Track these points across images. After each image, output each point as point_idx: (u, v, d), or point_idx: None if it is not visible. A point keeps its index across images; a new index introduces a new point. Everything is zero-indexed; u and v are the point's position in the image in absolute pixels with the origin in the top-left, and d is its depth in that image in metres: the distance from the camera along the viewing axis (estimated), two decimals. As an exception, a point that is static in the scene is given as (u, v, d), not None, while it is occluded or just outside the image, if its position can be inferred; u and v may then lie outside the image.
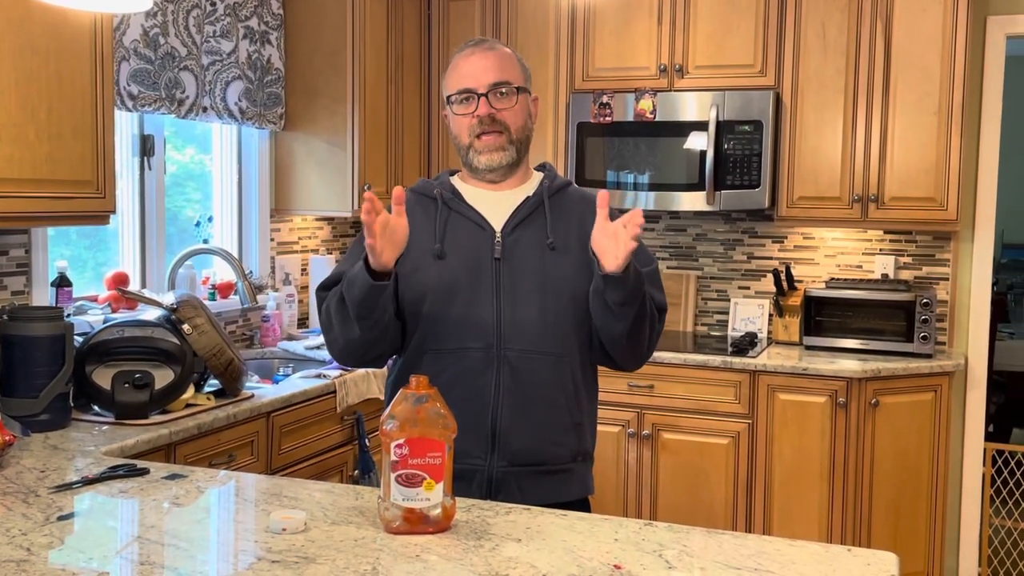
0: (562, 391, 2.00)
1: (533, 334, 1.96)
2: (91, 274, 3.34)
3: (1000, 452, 4.29)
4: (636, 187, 4.11)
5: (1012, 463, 4.30)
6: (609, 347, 2.01)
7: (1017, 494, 4.39)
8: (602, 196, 1.86)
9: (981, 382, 4.13)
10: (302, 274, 4.24)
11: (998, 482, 4.29)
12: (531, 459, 1.98)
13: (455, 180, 2.10)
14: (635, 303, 1.91)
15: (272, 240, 4.08)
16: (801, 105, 3.95)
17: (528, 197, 2.05)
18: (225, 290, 3.77)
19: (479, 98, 2.00)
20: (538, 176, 2.11)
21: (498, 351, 1.95)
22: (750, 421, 3.78)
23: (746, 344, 4.02)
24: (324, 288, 2.05)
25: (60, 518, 1.75)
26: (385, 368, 2.18)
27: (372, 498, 1.82)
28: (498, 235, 2.00)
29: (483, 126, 2.00)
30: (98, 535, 1.70)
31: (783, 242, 4.35)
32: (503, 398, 1.95)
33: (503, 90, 2.01)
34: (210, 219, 3.92)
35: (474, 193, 2.06)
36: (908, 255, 4.20)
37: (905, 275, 4.19)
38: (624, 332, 1.96)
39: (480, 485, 1.95)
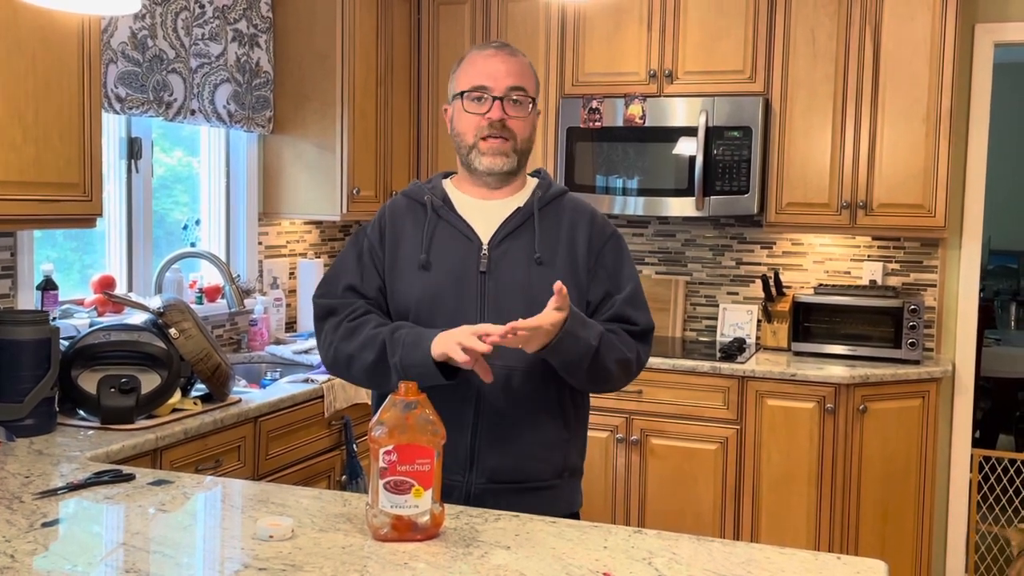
0: (546, 408, 1.97)
1: (517, 350, 1.90)
2: (77, 277, 3.32)
3: (987, 458, 4.30)
4: (625, 192, 4.11)
5: (999, 469, 4.31)
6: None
7: (1004, 500, 4.41)
8: (558, 288, 1.81)
9: (968, 388, 4.14)
10: (290, 278, 4.22)
11: (985, 488, 4.31)
12: (511, 476, 1.95)
13: (448, 185, 2.07)
14: (580, 367, 1.90)
15: (260, 244, 4.06)
16: (790, 111, 3.96)
17: (519, 207, 2.01)
18: (212, 294, 3.75)
19: (494, 101, 1.97)
20: (532, 184, 2.08)
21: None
22: (738, 427, 3.78)
23: (735, 350, 4.02)
24: (325, 296, 2.03)
25: (44, 524, 1.73)
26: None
27: (360, 505, 1.81)
28: (485, 247, 1.97)
29: (492, 130, 1.97)
30: (83, 542, 1.68)
31: (772, 248, 4.36)
32: (483, 415, 1.93)
33: (518, 97, 1.98)
34: (198, 222, 3.90)
35: (465, 201, 2.03)
36: (896, 261, 4.21)
37: (893, 281, 4.20)
38: (581, 386, 1.99)
39: (459, 502, 1.92)
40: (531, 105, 2.01)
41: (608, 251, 2.05)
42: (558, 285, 1.80)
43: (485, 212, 2.01)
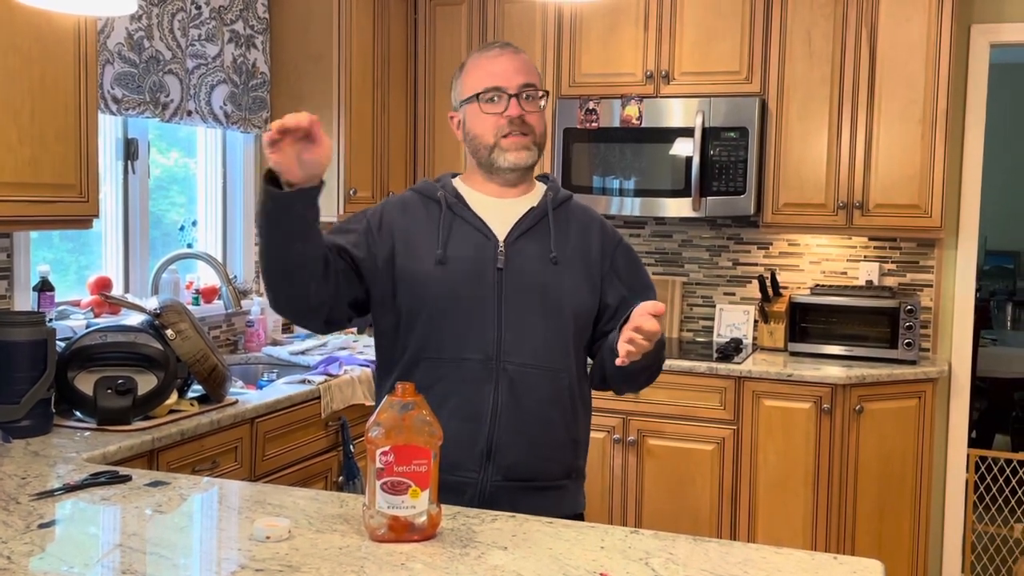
0: (559, 407, 1.98)
1: (533, 348, 1.93)
2: (74, 278, 3.32)
3: (983, 458, 4.31)
4: (622, 193, 4.11)
5: (995, 469, 4.32)
6: (615, 386, 2.04)
7: (1000, 500, 4.41)
8: (658, 307, 1.77)
9: (965, 388, 4.14)
10: (287, 279, 4.21)
11: (981, 488, 4.31)
12: (525, 474, 1.95)
13: (458, 183, 2.08)
14: (656, 363, 1.94)
15: (256, 244, 4.05)
16: (786, 112, 3.97)
17: (533, 208, 2.03)
18: (209, 295, 3.75)
19: (510, 98, 1.98)
20: (541, 187, 2.09)
21: (497, 363, 1.93)
22: (735, 427, 3.78)
23: (731, 350, 4.03)
24: None
25: (41, 526, 1.73)
26: (371, 374, 2.16)
27: (357, 505, 1.81)
28: (501, 244, 1.98)
29: (512, 127, 1.98)
30: (79, 543, 1.68)
31: (768, 248, 4.36)
32: (500, 412, 1.93)
33: (530, 93, 2.00)
34: (194, 223, 3.90)
35: (478, 199, 2.03)
36: (892, 262, 4.22)
37: (889, 282, 4.21)
38: (641, 385, 2.02)
39: (472, 499, 1.92)
40: (543, 100, 2.04)
41: (620, 257, 2.08)
42: (659, 306, 1.78)
43: (498, 210, 2.02)
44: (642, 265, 2.14)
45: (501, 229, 1.99)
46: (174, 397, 2.69)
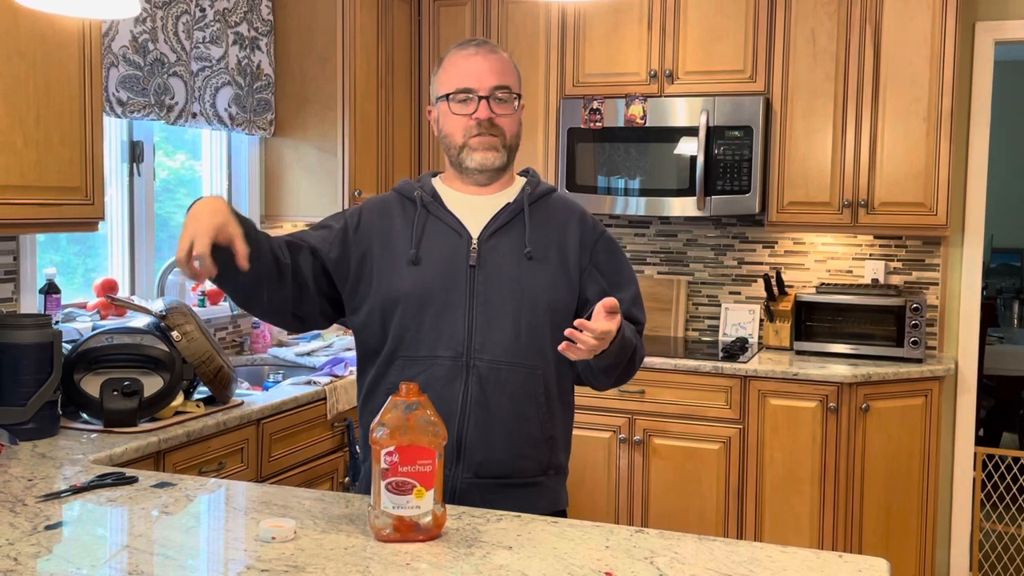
0: (533, 404, 1.96)
1: (505, 345, 1.92)
2: (80, 281, 3.33)
3: (991, 456, 4.30)
4: (627, 192, 4.11)
5: (1002, 467, 4.31)
6: (587, 382, 2.04)
7: (1008, 498, 4.40)
8: (611, 303, 1.78)
9: (971, 387, 4.14)
10: (292, 280, 4.22)
11: (988, 486, 4.30)
12: (497, 471, 1.95)
13: (437, 182, 2.08)
14: (622, 362, 1.92)
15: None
16: (791, 111, 3.96)
17: (508, 203, 2.02)
18: (215, 296, 3.76)
19: (480, 100, 1.97)
20: (520, 182, 2.08)
21: (467, 360, 1.92)
22: (741, 426, 3.78)
23: (737, 349, 4.03)
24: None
25: (48, 527, 1.74)
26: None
27: (362, 506, 1.82)
28: (474, 242, 1.97)
29: (481, 129, 1.97)
30: (86, 544, 1.69)
31: (773, 247, 4.36)
32: (470, 409, 1.92)
33: (503, 95, 1.99)
34: (200, 225, 3.90)
35: (454, 197, 2.03)
36: (898, 260, 4.21)
37: (895, 280, 4.20)
38: (611, 382, 2.00)
39: (444, 497, 1.91)
40: (516, 102, 2.02)
41: (601, 250, 2.06)
42: (612, 301, 1.78)
43: (474, 207, 2.02)
44: (624, 258, 2.11)
45: (476, 226, 1.99)
46: (180, 399, 2.70)
